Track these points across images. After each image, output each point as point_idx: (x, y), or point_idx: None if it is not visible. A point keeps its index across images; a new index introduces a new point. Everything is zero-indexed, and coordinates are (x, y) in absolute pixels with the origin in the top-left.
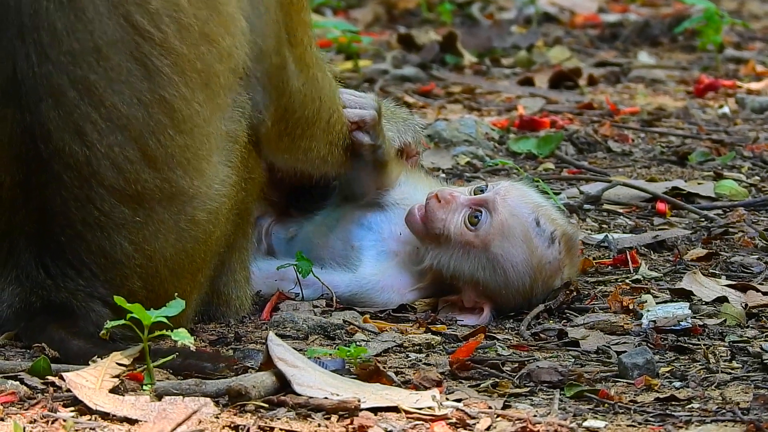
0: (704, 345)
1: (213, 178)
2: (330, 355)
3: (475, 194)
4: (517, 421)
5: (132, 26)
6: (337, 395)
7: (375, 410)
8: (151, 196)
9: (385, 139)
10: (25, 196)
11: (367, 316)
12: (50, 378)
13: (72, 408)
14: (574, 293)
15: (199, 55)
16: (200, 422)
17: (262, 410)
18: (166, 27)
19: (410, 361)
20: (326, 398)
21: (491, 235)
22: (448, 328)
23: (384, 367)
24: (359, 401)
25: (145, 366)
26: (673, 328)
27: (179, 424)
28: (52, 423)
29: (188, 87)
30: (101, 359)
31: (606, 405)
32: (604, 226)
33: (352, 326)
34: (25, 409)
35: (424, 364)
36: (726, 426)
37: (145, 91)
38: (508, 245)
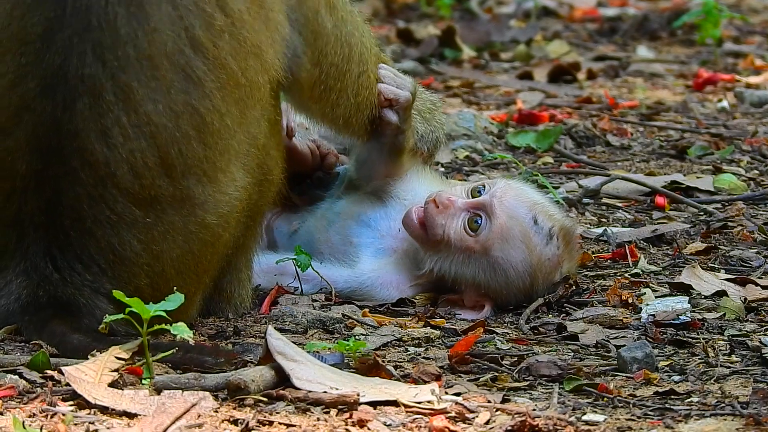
0: (703, 339)
1: (227, 185)
2: (329, 349)
3: (472, 196)
4: (516, 415)
5: (190, 39)
6: (336, 389)
7: (374, 404)
8: (163, 200)
9: (411, 126)
10: (38, 186)
11: (366, 310)
12: (49, 372)
13: (71, 402)
14: (573, 287)
15: (245, 69)
16: (199, 416)
17: (261, 404)
18: (225, 43)
19: (409, 355)
20: (325, 392)
21: (491, 239)
22: (447, 322)
23: (383, 361)
24: (358, 395)
25: (144, 360)
26: (672, 322)
27: (178, 418)
28: (51, 417)
29: (225, 101)
30: (100, 353)
31: (605, 399)
32: (603, 220)
33: (351, 320)
34: (24, 403)
35: (423, 358)
36: (725, 420)
37: (180, 102)
38: (507, 248)
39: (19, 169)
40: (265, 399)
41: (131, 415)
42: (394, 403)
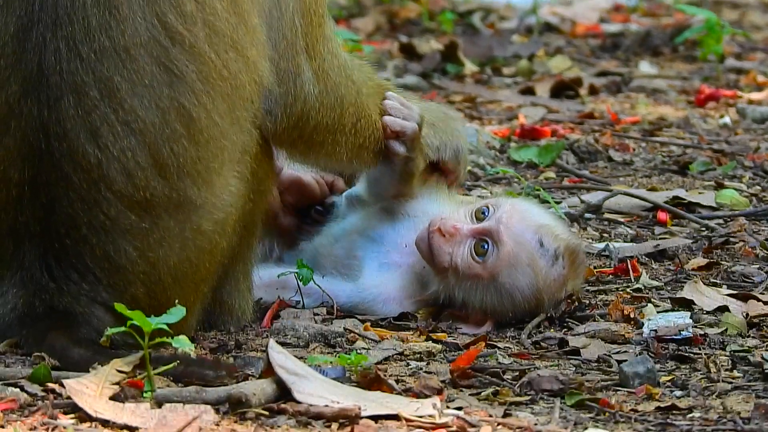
0: (705, 354)
1: (222, 189)
2: (330, 362)
3: (476, 218)
4: (517, 430)
5: (164, 27)
6: (338, 403)
7: (375, 418)
8: (158, 204)
9: (420, 153)
10: (33, 194)
11: (368, 324)
12: (50, 385)
13: (72, 415)
14: (576, 303)
15: (226, 62)
16: (200, 429)
17: (262, 418)
18: (199, 30)
19: (411, 369)
20: (327, 406)
21: (499, 266)
22: (448, 336)
23: (385, 375)
24: (360, 409)
25: (146, 373)
26: (673, 337)
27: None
28: (52, 430)
29: (210, 96)
30: (101, 366)
31: (607, 414)
32: (605, 235)
33: (352, 334)
34: (25, 416)
35: (425, 372)
36: None
37: (165, 97)
38: (515, 273)
39: (12, 177)
40: (266, 413)
41: (132, 429)
42: (396, 417)
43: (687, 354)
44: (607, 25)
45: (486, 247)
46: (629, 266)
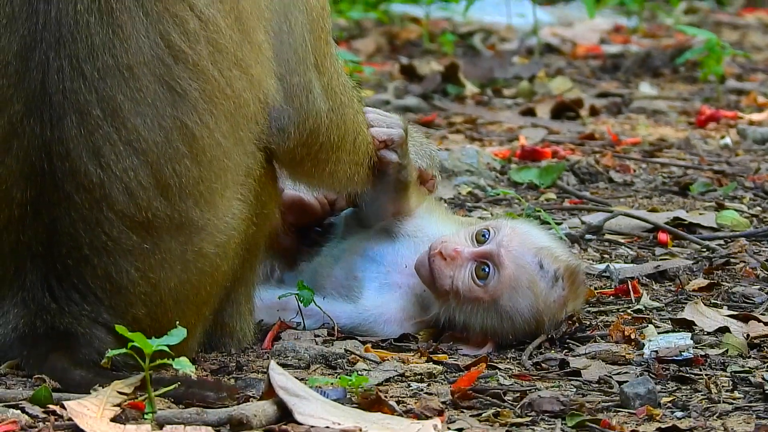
0: (706, 375)
1: (225, 211)
2: (331, 384)
3: (477, 241)
4: None
5: (167, 45)
6: (339, 424)
7: None
8: (160, 225)
9: (410, 160)
10: (35, 213)
11: (369, 345)
12: (51, 407)
13: None
14: (577, 324)
15: (229, 80)
16: None
17: None
18: (202, 48)
19: (412, 390)
20: (328, 427)
21: (500, 290)
22: (449, 358)
23: (385, 396)
24: (361, 430)
25: (147, 394)
26: (674, 358)
27: None
28: None
29: (213, 115)
30: (102, 388)
31: None
32: (606, 256)
33: (353, 355)
34: None
35: (426, 393)
36: None
37: (168, 117)
38: (515, 296)
39: (15, 196)
40: None
41: None
42: None
43: (688, 375)
44: (607, 46)
45: (487, 270)
46: (630, 287)
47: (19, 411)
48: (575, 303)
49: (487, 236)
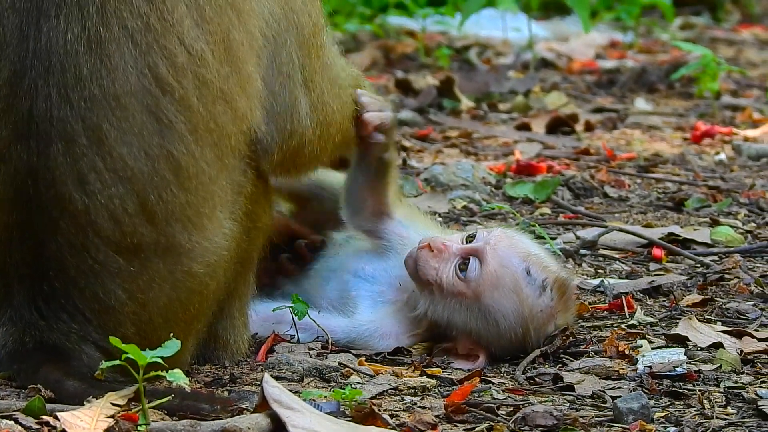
0: (699, 391)
1: (214, 232)
2: (325, 397)
3: (467, 242)
4: None
5: (155, 77)
6: None
7: None
8: (147, 248)
9: (394, 140)
10: (21, 237)
11: (363, 359)
12: (45, 417)
13: None
14: (571, 338)
15: (214, 114)
16: None
17: None
18: (188, 82)
19: (405, 404)
20: None
21: (482, 286)
22: (443, 372)
23: (379, 410)
24: None
25: (140, 406)
26: (668, 373)
27: None
28: None
29: (198, 145)
30: (96, 399)
31: None
32: (600, 271)
33: (347, 369)
34: None
35: (419, 407)
36: None
37: (154, 146)
38: (498, 296)
39: (1, 220)
40: None
41: None
42: None
43: (681, 390)
44: (603, 61)
45: (469, 264)
46: (624, 302)
47: (12, 422)
48: (565, 316)
49: (477, 237)
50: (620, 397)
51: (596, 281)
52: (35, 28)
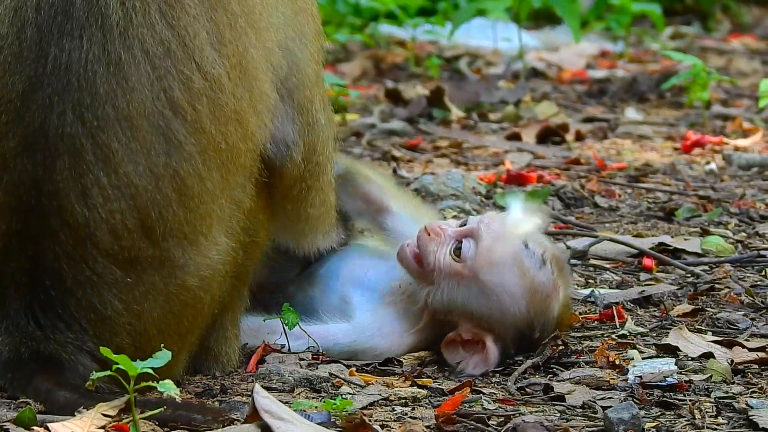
0: (690, 401)
1: (209, 249)
2: (316, 407)
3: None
4: None
5: (169, 101)
6: None
7: None
8: (143, 261)
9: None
10: (19, 245)
11: (353, 369)
12: (36, 428)
13: None
14: (561, 347)
15: (225, 134)
16: None
17: None
18: (202, 107)
19: (396, 414)
20: None
21: (478, 263)
22: (434, 382)
23: (370, 420)
24: None
25: (131, 417)
26: (658, 383)
27: None
28: None
29: (206, 165)
30: (87, 410)
31: None
32: (591, 281)
33: (338, 379)
34: None
35: (410, 417)
36: None
37: (161, 165)
38: (497, 270)
39: (0, 228)
40: None
41: None
42: None
43: (672, 400)
44: (593, 71)
45: (463, 245)
46: (614, 312)
47: None
48: (566, 291)
49: (470, 221)
50: (611, 407)
51: (587, 291)
52: (56, 46)
